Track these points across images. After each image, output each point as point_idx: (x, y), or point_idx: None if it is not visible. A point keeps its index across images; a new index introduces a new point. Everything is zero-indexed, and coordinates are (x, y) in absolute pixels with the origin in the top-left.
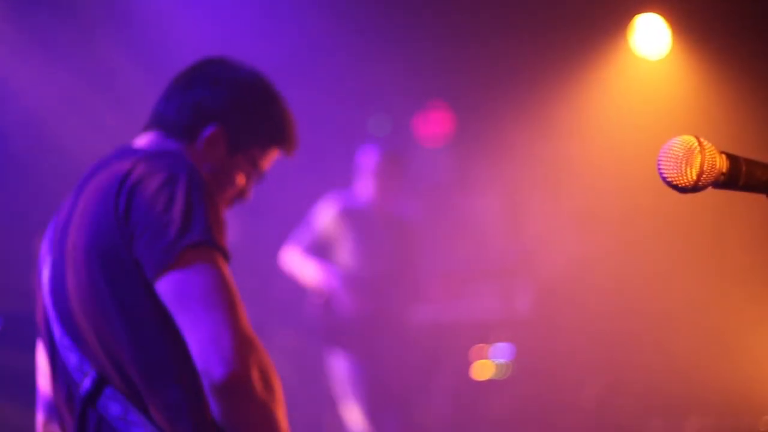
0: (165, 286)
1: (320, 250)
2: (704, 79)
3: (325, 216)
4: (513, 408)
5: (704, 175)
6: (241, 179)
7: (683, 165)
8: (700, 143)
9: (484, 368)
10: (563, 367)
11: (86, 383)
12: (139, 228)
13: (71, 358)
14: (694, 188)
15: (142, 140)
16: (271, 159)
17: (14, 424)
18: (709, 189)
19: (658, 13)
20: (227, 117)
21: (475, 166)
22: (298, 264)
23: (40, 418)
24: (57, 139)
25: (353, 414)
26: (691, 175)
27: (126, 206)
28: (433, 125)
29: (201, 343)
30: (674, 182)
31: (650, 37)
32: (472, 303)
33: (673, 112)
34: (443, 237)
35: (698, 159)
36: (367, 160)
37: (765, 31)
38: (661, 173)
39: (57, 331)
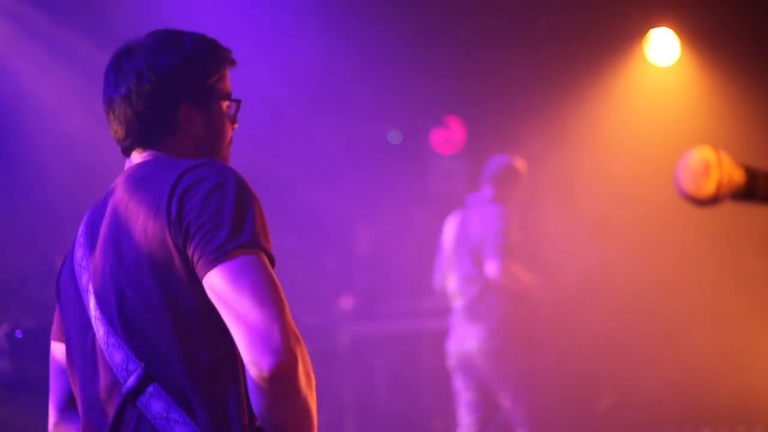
0: (215, 282)
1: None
2: (712, 86)
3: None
4: None
5: (722, 189)
6: (228, 126)
7: (701, 179)
8: (717, 157)
9: None
10: (577, 375)
11: (131, 380)
12: (192, 230)
13: (116, 356)
14: (712, 202)
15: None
16: (228, 79)
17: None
18: None
19: (669, 27)
20: (175, 90)
21: None
22: (514, 276)
23: (52, 418)
24: (86, 159)
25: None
26: (709, 189)
27: (178, 211)
28: (448, 134)
29: (250, 334)
30: (693, 196)
31: (661, 50)
32: None
33: (684, 118)
34: None
35: (716, 173)
36: (486, 170)
37: (764, 41)
38: (679, 187)
39: (102, 330)
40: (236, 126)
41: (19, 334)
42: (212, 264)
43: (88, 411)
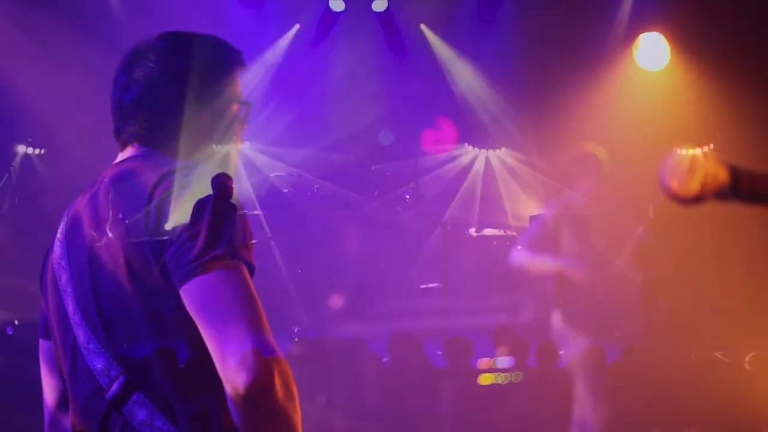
0: (191, 295)
1: (541, 244)
2: (702, 90)
3: (546, 215)
4: (513, 419)
5: (706, 188)
6: (239, 129)
7: (686, 178)
8: (702, 156)
9: (487, 378)
10: (563, 378)
11: (114, 387)
12: (169, 239)
13: (97, 363)
14: (696, 201)
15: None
16: (239, 82)
17: (22, 426)
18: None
19: (658, 32)
20: (187, 96)
21: None
22: (528, 259)
23: (46, 418)
24: (77, 153)
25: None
26: (693, 188)
27: (156, 217)
28: (439, 135)
29: (225, 351)
30: (678, 195)
31: (651, 55)
32: (478, 312)
33: (674, 122)
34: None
35: (701, 172)
36: (578, 165)
37: (749, 46)
38: (664, 186)
39: (82, 335)
40: (246, 128)
41: (9, 331)
42: (187, 277)
43: (75, 411)
